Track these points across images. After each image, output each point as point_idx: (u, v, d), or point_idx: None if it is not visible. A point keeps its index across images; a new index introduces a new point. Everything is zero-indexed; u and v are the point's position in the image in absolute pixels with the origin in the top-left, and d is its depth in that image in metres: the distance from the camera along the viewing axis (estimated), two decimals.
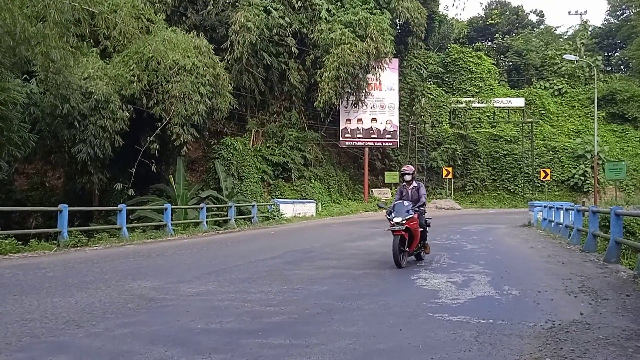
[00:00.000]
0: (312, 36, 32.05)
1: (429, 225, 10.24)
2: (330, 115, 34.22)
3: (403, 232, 9.05)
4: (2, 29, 13.39)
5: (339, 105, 34.03)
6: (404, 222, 9.02)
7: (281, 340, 4.66)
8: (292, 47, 31.23)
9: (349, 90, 32.95)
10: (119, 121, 19.55)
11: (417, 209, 9.41)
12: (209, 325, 5.14)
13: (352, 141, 36.47)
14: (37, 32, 14.17)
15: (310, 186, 31.83)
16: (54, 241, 12.35)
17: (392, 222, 9.12)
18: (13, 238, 11.14)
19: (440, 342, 4.61)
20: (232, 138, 29.79)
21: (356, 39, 31.26)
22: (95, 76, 19.34)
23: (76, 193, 21.46)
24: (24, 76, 18.00)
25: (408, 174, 9.89)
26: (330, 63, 30.78)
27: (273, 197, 28.30)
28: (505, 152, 43.24)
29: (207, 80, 22.21)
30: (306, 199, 30.00)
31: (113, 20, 19.99)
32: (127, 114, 20.01)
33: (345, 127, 36.08)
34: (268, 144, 32.17)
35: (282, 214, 24.78)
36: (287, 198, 28.57)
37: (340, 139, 36.16)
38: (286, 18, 31.25)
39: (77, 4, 16.02)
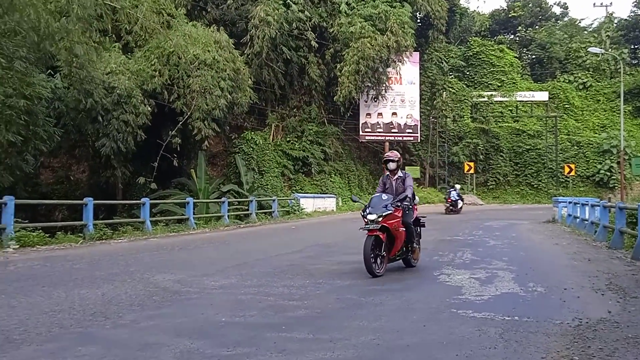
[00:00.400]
0: (331, 30, 31.97)
1: (422, 226, 8.88)
2: (350, 109, 34.14)
3: (379, 233, 7.56)
4: (26, 25, 13.62)
5: (359, 99, 33.95)
6: (380, 219, 7.58)
7: (305, 334, 4.67)
8: (312, 41, 31.20)
9: (369, 84, 32.81)
10: (141, 115, 19.74)
11: (398, 204, 7.86)
12: (233, 319, 5.18)
13: (373, 136, 36.33)
14: (60, 28, 14.39)
15: (331, 181, 31.84)
16: (80, 234, 12.57)
17: (366, 220, 7.71)
18: (40, 231, 11.38)
19: (465, 338, 4.57)
20: (253, 132, 29.93)
21: (376, 32, 31.07)
22: (118, 71, 19.58)
23: (100, 187, 21.80)
24: (48, 71, 18.26)
25: (392, 160, 8.30)
26: (350, 57, 30.67)
27: (293, 191, 28.39)
28: (528, 147, 42.63)
29: (228, 74, 22.34)
30: (326, 193, 30.01)
31: (134, 15, 20.27)
32: (149, 108, 20.21)
33: (366, 122, 35.93)
34: (288, 139, 32.23)
35: (302, 209, 24.85)
36: (308, 193, 28.61)
37: (360, 133, 36.04)
38: (306, 12, 31.24)
39: None
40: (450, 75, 44.70)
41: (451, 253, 10.53)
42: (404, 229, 7.94)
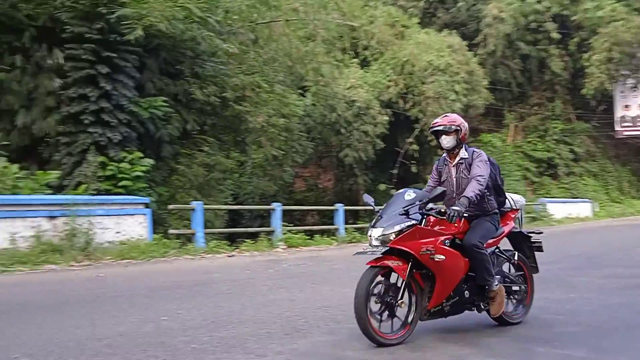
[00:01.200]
0: (574, 18, 28.97)
1: (537, 249, 5.36)
2: (602, 102, 30.36)
3: (390, 263, 4.19)
4: (281, 52, 15.59)
5: (612, 90, 29.92)
6: (391, 237, 4.18)
7: (583, 353, 4.20)
8: (552, 32, 28.76)
9: (626, 72, 28.75)
10: (379, 125, 20.83)
11: (441, 212, 4.39)
12: (497, 329, 4.97)
13: (633, 130, 31.41)
14: (308, 51, 16.08)
15: (582, 184, 28.79)
16: (333, 237, 13.79)
17: (370, 238, 4.36)
18: (303, 233, 12.84)
19: None
20: (490, 135, 28.97)
21: (631, 12, 27.23)
22: (357, 85, 21.00)
23: (344, 193, 23.63)
24: (299, 91, 20.57)
25: (445, 132, 4.52)
26: (599, 44, 27.46)
27: (538, 196, 26.51)
28: None
29: (462, 77, 22.11)
30: (578, 198, 27.23)
31: (371, 31, 21.55)
32: (386, 117, 21.17)
33: (623, 115, 31.28)
34: (529, 139, 30.33)
35: (550, 215, 22.99)
36: (555, 197, 26.38)
37: (617, 128, 31.51)
38: (543, 2, 28.96)
39: (340, 21, 17.68)
40: None
41: None
42: (454, 257, 4.32)
